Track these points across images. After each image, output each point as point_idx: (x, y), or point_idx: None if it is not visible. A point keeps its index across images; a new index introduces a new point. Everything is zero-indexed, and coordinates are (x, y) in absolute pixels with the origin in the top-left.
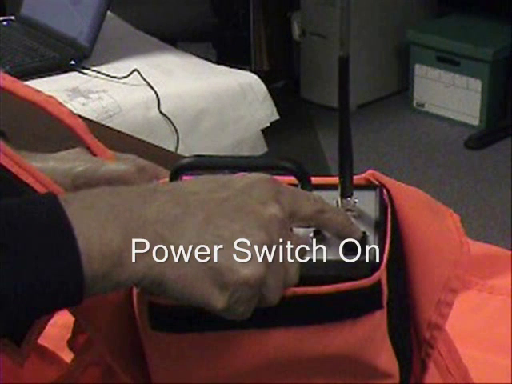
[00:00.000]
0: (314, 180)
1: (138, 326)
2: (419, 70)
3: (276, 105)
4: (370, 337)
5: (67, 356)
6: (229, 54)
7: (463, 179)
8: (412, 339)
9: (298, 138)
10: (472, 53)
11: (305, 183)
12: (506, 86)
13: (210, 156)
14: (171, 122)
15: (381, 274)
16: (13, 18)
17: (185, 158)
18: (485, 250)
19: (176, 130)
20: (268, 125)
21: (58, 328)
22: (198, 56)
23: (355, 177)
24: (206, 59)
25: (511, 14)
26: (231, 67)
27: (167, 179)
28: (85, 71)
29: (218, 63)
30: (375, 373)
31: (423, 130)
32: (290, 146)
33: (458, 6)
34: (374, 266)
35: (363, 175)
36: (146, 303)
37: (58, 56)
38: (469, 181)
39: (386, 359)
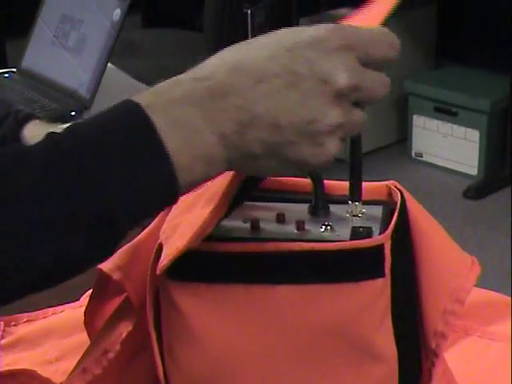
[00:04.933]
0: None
1: (155, 279)
2: (417, 120)
3: None
4: (370, 306)
5: None
6: None
7: (462, 229)
8: (421, 349)
9: None
10: (469, 104)
11: (318, 184)
12: (504, 136)
13: None
14: None
15: (384, 239)
16: (14, 70)
17: None
18: (485, 296)
19: None
20: None
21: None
22: None
23: (377, 183)
24: None
25: (508, 66)
26: None
27: None
28: None
29: None
30: (371, 350)
31: (422, 180)
32: None
33: (455, 58)
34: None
35: (385, 182)
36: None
37: (58, 107)
38: (467, 230)
39: (384, 339)
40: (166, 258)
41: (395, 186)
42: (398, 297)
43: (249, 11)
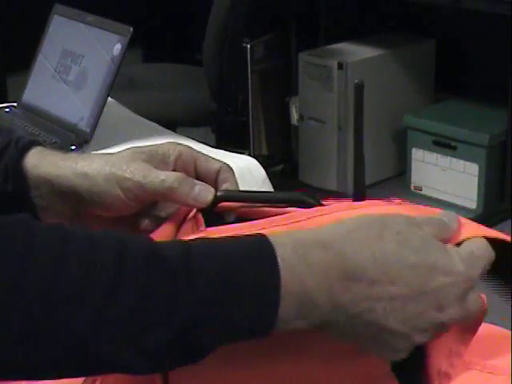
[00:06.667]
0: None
1: None
2: (416, 153)
3: (275, 189)
4: (373, 375)
5: None
6: (228, 139)
7: None
8: None
9: None
10: (468, 137)
11: None
12: (503, 169)
13: (239, 190)
14: None
15: None
16: (15, 104)
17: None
18: (485, 330)
19: None
20: None
21: None
22: (197, 141)
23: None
24: (205, 144)
25: (506, 100)
26: (230, 152)
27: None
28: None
29: (217, 148)
30: None
31: None
32: None
33: (454, 92)
34: None
35: (396, 200)
36: None
37: (59, 142)
38: None
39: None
40: None
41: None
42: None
43: (248, 46)
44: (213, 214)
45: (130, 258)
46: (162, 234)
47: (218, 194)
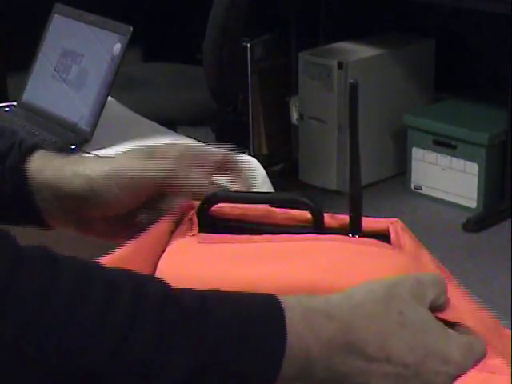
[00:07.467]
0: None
1: None
2: (416, 153)
3: (275, 188)
4: None
5: None
6: (228, 139)
7: (461, 262)
8: None
9: None
10: (468, 137)
11: (319, 221)
12: (502, 169)
13: (235, 191)
14: None
15: None
16: (15, 103)
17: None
18: None
19: None
20: None
21: None
22: (197, 140)
23: (382, 219)
24: (205, 143)
25: (505, 99)
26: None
27: None
28: (86, 155)
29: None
30: None
31: (421, 213)
32: None
33: (454, 92)
34: None
35: (389, 220)
36: None
37: (58, 141)
38: (467, 263)
39: None
40: None
41: (394, 223)
42: None
43: (248, 45)
44: (208, 216)
45: (145, 296)
46: (157, 231)
47: (214, 193)
